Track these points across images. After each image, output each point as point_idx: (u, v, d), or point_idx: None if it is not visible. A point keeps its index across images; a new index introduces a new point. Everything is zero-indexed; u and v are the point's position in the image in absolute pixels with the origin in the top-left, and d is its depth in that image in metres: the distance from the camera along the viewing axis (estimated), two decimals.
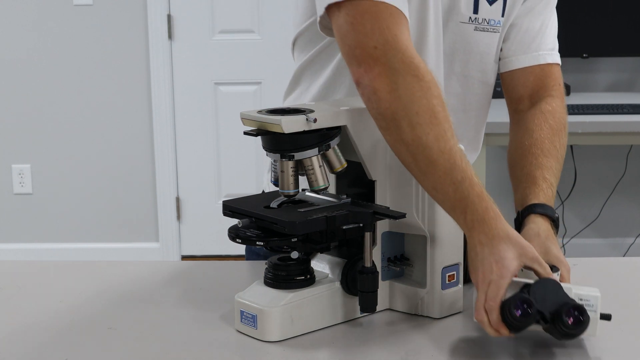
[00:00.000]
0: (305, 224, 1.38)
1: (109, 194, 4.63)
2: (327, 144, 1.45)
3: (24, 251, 4.65)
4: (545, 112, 1.73)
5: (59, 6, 4.46)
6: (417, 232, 1.49)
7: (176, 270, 1.83)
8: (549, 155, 1.67)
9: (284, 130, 1.39)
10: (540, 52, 1.78)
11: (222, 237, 2.05)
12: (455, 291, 1.52)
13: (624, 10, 4.02)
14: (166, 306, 1.58)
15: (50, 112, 4.56)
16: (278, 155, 1.44)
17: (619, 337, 1.40)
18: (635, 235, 4.44)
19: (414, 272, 1.52)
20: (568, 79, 4.24)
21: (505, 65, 1.79)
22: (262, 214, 1.43)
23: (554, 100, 1.76)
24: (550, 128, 1.70)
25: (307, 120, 1.40)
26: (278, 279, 1.44)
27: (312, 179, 1.46)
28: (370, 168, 1.49)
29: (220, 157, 4.64)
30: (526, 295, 1.30)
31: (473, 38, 1.69)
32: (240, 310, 1.44)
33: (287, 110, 1.44)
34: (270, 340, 1.40)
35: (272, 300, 1.41)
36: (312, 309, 1.44)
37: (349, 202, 1.48)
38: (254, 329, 1.42)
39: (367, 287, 1.44)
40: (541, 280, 1.34)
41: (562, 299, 1.32)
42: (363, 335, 1.44)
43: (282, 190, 1.46)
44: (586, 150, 4.33)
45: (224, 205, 1.48)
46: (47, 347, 1.43)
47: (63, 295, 1.65)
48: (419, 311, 1.51)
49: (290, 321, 1.41)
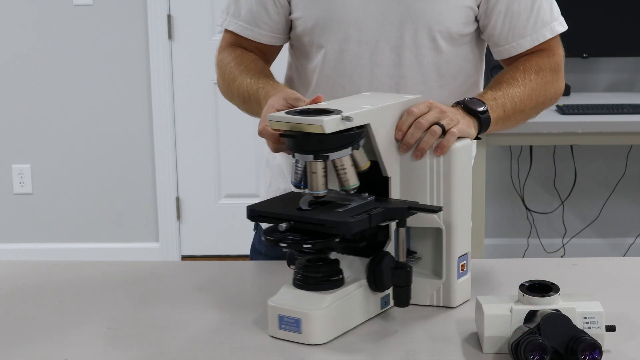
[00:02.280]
0: (357, 223, 1.38)
1: (109, 194, 4.63)
2: (357, 143, 1.46)
3: (24, 251, 4.65)
4: (518, 63, 1.81)
5: (59, 6, 4.46)
6: (431, 224, 1.52)
7: (176, 270, 1.83)
8: (507, 82, 1.75)
9: (325, 131, 1.39)
10: (537, 31, 1.80)
11: (222, 237, 2.06)
12: (466, 279, 1.57)
13: (624, 10, 4.02)
14: (166, 306, 1.58)
15: (50, 112, 4.55)
16: (311, 156, 1.44)
17: (619, 337, 1.40)
18: (635, 235, 4.44)
19: (422, 265, 1.55)
20: (568, 79, 4.22)
21: (502, 53, 1.82)
22: (307, 216, 1.42)
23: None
24: (517, 69, 1.78)
25: (342, 119, 1.41)
26: (314, 280, 1.43)
27: (345, 178, 1.46)
28: (386, 165, 1.51)
29: (220, 157, 4.64)
30: (541, 340, 1.30)
31: (417, 6, 1.72)
32: (278, 316, 1.42)
33: (311, 111, 1.44)
34: (316, 344, 1.40)
35: (314, 303, 1.41)
36: (348, 308, 1.45)
37: (374, 199, 1.49)
38: (297, 334, 1.40)
39: (402, 282, 1.45)
40: (549, 315, 1.34)
41: (573, 332, 1.32)
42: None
43: (311, 191, 1.46)
44: (586, 150, 4.33)
45: (250, 210, 1.46)
46: (47, 347, 1.43)
47: (63, 295, 1.65)
48: (435, 302, 1.54)
49: (333, 322, 1.42)
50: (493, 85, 1.76)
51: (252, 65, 1.83)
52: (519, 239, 4.44)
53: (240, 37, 1.88)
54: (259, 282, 1.72)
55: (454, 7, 1.73)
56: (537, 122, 3.58)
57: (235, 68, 1.83)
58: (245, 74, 1.80)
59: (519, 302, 1.38)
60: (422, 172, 1.52)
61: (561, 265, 1.78)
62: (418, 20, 1.72)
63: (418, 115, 1.53)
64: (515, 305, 1.37)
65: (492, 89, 1.73)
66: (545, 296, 1.37)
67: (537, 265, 1.83)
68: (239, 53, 1.87)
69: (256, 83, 1.76)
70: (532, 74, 1.77)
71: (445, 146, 1.51)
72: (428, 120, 1.52)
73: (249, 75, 1.79)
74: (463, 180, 1.54)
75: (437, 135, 1.51)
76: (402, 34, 1.73)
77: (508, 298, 1.40)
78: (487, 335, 1.37)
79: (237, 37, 1.89)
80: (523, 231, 4.43)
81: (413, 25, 1.72)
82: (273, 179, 1.93)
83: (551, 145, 4.26)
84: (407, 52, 1.75)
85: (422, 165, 1.52)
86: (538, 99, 1.79)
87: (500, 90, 1.72)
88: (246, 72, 1.80)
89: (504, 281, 1.67)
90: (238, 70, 1.82)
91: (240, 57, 1.86)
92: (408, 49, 1.74)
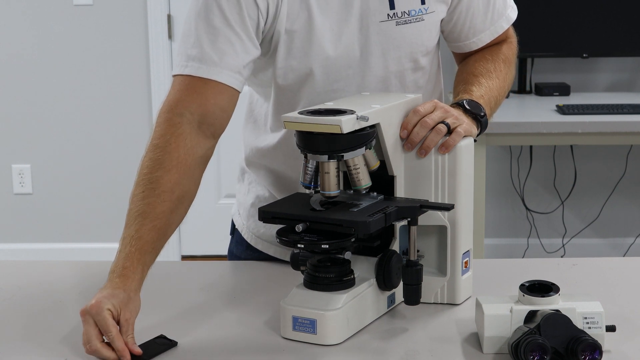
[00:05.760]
0: (374, 222, 1.39)
1: (109, 194, 4.63)
2: (370, 143, 1.46)
3: (24, 251, 4.64)
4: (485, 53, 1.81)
5: (59, 6, 4.46)
6: (436, 222, 1.54)
7: (176, 270, 1.83)
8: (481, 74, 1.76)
9: (343, 131, 1.39)
10: (494, 24, 1.81)
11: (222, 237, 2.05)
12: (469, 276, 1.59)
13: (624, 10, 4.02)
14: (166, 306, 1.58)
15: (50, 112, 4.55)
16: (325, 156, 1.44)
17: (619, 337, 1.40)
18: (635, 235, 4.44)
19: (426, 263, 1.55)
20: (568, 79, 4.24)
21: (462, 48, 1.82)
22: (323, 216, 1.42)
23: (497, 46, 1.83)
24: (486, 60, 1.79)
25: (358, 119, 1.41)
26: (326, 281, 1.43)
27: (358, 178, 1.47)
28: (393, 163, 1.52)
29: (220, 157, 4.63)
30: (541, 340, 1.30)
31: (398, 34, 1.69)
32: (292, 317, 1.42)
33: (323, 111, 1.44)
34: (332, 344, 1.40)
35: (330, 304, 1.41)
36: (360, 308, 1.45)
37: (383, 198, 1.49)
38: (312, 335, 1.40)
39: (413, 280, 1.46)
40: (549, 315, 1.34)
41: (573, 332, 1.33)
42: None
43: (324, 191, 1.46)
44: (586, 150, 4.33)
45: (263, 212, 1.46)
46: (47, 347, 1.43)
47: (63, 295, 1.65)
48: (439, 299, 1.55)
49: (347, 322, 1.42)
50: (471, 79, 1.75)
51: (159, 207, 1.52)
52: (519, 239, 4.44)
53: (195, 81, 1.60)
54: (259, 282, 1.72)
55: (430, 23, 1.72)
56: (537, 122, 3.61)
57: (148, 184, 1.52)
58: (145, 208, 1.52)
59: (519, 302, 1.38)
60: (427, 170, 1.53)
61: (561, 265, 1.78)
62: (400, 47, 1.70)
63: (424, 114, 1.54)
64: (516, 305, 1.37)
65: (474, 85, 1.73)
66: (545, 296, 1.37)
67: (537, 265, 1.83)
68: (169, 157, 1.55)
69: (137, 232, 1.51)
70: (500, 64, 1.80)
71: (451, 145, 1.53)
72: (433, 119, 1.54)
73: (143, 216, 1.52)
74: (467, 178, 1.55)
75: (443, 134, 1.53)
76: (386, 63, 1.71)
77: (508, 298, 1.40)
78: (487, 335, 1.37)
79: (191, 82, 1.60)
80: (523, 231, 4.43)
81: (396, 52, 1.70)
82: (251, 186, 1.91)
83: (551, 145, 4.26)
84: (392, 79, 1.73)
85: (427, 163, 1.53)
86: (507, 88, 1.81)
87: (482, 87, 1.73)
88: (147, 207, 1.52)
89: (504, 281, 1.67)
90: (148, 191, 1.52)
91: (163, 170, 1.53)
92: (393, 76, 1.73)
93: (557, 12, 4.01)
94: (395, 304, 1.53)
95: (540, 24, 4.07)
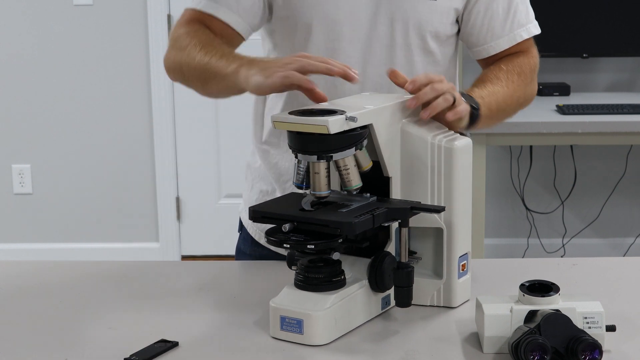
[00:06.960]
0: (361, 224, 1.38)
1: (109, 194, 4.63)
2: (361, 144, 1.46)
3: (24, 251, 4.65)
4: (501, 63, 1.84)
5: (59, 6, 4.46)
6: (432, 224, 1.52)
7: (176, 270, 1.83)
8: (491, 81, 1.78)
9: (330, 131, 1.39)
10: (514, 31, 1.84)
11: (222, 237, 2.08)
12: (466, 280, 1.57)
13: (624, 10, 4.02)
14: (166, 306, 1.58)
15: (50, 112, 4.55)
16: (314, 157, 1.44)
17: (619, 337, 1.40)
18: (635, 235, 4.44)
19: (422, 265, 1.55)
20: (568, 79, 4.24)
21: (481, 52, 1.85)
22: (310, 216, 1.42)
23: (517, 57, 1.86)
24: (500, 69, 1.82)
25: (347, 119, 1.41)
26: (316, 281, 1.43)
27: (348, 178, 1.46)
28: (388, 165, 1.51)
29: (220, 157, 4.64)
30: (541, 340, 1.30)
31: (408, 4, 1.74)
32: (280, 317, 1.42)
33: (315, 111, 1.44)
34: (319, 345, 1.40)
35: (317, 304, 1.41)
36: (350, 309, 1.45)
37: (375, 199, 1.49)
38: (298, 335, 1.40)
39: (403, 282, 1.45)
40: (549, 315, 1.34)
41: (573, 332, 1.33)
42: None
43: (314, 191, 1.46)
44: (586, 150, 4.33)
45: (253, 212, 1.47)
46: (47, 347, 1.43)
47: (63, 295, 1.65)
48: (435, 302, 1.54)
49: (335, 323, 1.42)
50: (478, 83, 1.79)
51: (219, 46, 1.73)
52: (519, 239, 4.44)
53: (203, 16, 1.79)
54: (259, 282, 1.72)
55: (442, 7, 1.76)
56: (537, 122, 3.61)
57: (204, 36, 1.74)
58: (213, 48, 1.71)
59: (519, 302, 1.38)
60: (423, 171, 1.52)
61: (561, 265, 1.78)
62: (408, 20, 1.75)
63: (434, 80, 1.56)
64: (516, 305, 1.37)
65: (478, 87, 1.76)
66: (545, 296, 1.37)
67: (537, 265, 1.83)
68: (203, 29, 1.78)
69: (230, 54, 1.70)
70: (514, 75, 1.81)
71: (459, 112, 1.55)
72: (442, 88, 1.55)
73: (219, 53, 1.70)
74: (463, 180, 1.54)
75: (449, 103, 1.55)
76: (393, 33, 1.75)
77: (508, 298, 1.40)
78: (487, 335, 1.37)
79: (199, 14, 1.80)
80: (523, 231, 4.43)
81: (404, 24, 1.75)
82: (255, 182, 1.92)
83: (551, 145, 4.26)
84: (398, 51, 1.77)
85: (423, 164, 1.52)
86: (519, 99, 1.83)
87: (485, 89, 1.75)
88: (214, 48, 1.72)
89: (504, 281, 1.67)
90: (205, 41, 1.74)
91: (205, 32, 1.77)
92: (399, 48, 1.77)
93: (557, 12, 4.00)
94: (390, 306, 1.52)
95: (540, 24, 4.03)
